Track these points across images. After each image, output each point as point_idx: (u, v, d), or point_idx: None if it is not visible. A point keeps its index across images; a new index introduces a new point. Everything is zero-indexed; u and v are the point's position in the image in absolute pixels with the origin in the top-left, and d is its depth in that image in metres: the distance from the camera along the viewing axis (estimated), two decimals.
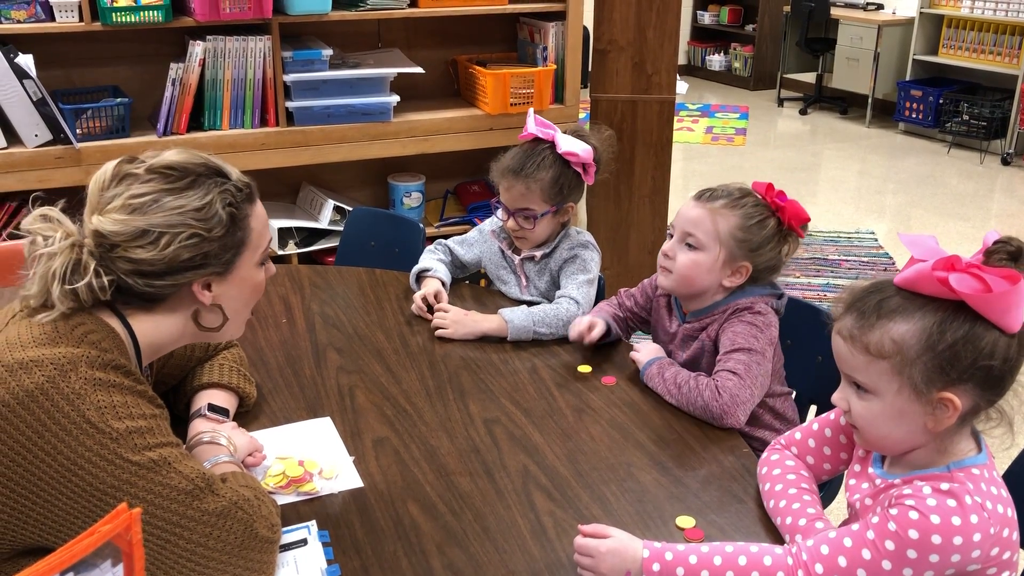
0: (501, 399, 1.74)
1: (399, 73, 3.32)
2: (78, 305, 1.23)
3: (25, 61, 2.85)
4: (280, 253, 3.37)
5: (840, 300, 1.26)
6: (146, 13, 2.94)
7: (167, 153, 1.30)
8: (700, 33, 9.46)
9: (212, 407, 1.54)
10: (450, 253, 2.23)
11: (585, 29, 3.95)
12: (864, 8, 7.64)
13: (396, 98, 3.32)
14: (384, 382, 1.80)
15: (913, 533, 1.13)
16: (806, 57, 8.05)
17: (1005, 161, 6.45)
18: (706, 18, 9.30)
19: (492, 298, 2.17)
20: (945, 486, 1.16)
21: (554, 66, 3.50)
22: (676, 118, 4.53)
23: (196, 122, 3.16)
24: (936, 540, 1.12)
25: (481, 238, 2.25)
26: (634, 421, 1.68)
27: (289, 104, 3.20)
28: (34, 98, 2.87)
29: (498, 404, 1.73)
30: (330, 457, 1.54)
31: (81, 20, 2.92)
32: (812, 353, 1.91)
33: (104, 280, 1.24)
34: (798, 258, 4.70)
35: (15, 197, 3.08)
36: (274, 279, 2.26)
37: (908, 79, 7.12)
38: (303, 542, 1.33)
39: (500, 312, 1.99)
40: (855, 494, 1.32)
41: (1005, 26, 6.58)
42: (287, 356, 1.90)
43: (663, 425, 1.66)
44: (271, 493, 1.40)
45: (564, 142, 2.03)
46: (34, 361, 1.16)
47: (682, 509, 1.42)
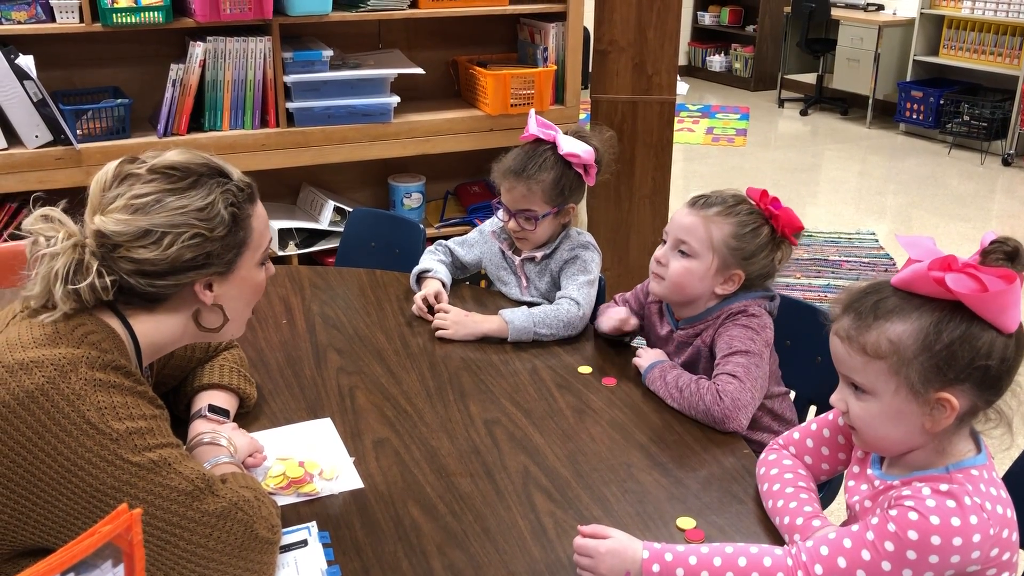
0: (502, 400, 1.74)
1: (399, 74, 3.33)
2: (80, 306, 1.23)
3: (26, 62, 2.85)
4: (280, 254, 3.37)
5: (838, 301, 1.26)
6: (146, 14, 2.94)
7: (169, 153, 1.31)
8: (701, 34, 9.47)
9: (212, 408, 1.54)
10: (450, 254, 2.23)
11: (585, 30, 3.95)
12: (865, 9, 7.64)
13: (396, 99, 3.32)
14: (384, 383, 1.80)
15: (912, 534, 1.13)
16: (807, 58, 8.05)
17: (1006, 162, 6.45)
18: (707, 19, 9.30)
19: (492, 299, 2.17)
20: (944, 487, 1.16)
21: (554, 67, 3.50)
22: (677, 119, 4.53)
23: (196, 123, 3.17)
24: (935, 541, 1.12)
25: (481, 239, 2.25)
26: (634, 422, 1.68)
27: (289, 105, 3.21)
28: (34, 99, 2.87)
29: (498, 405, 1.73)
30: (330, 458, 1.54)
31: (81, 21, 2.93)
32: (811, 353, 1.91)
33: (107, 280, 1.24)
34: (799, 259, 4.70)
35: (15, 198, 3.08)
36: (274, 280, 2.27)
37: (909, 80, 7.12)
38: (303, 543, 1.33)
39: (500, 313, 1.99)
40: (854, 495, 1.32)
41: (1006, 27, 6.59)
42: (287, 357, 1.90)
43: (663, 426, 1.66)
44: (271, 494, 1.40)
45: (566, 143, 2.03)
46: (34, 362, 1.16)
47: (683, 510, 1.42)
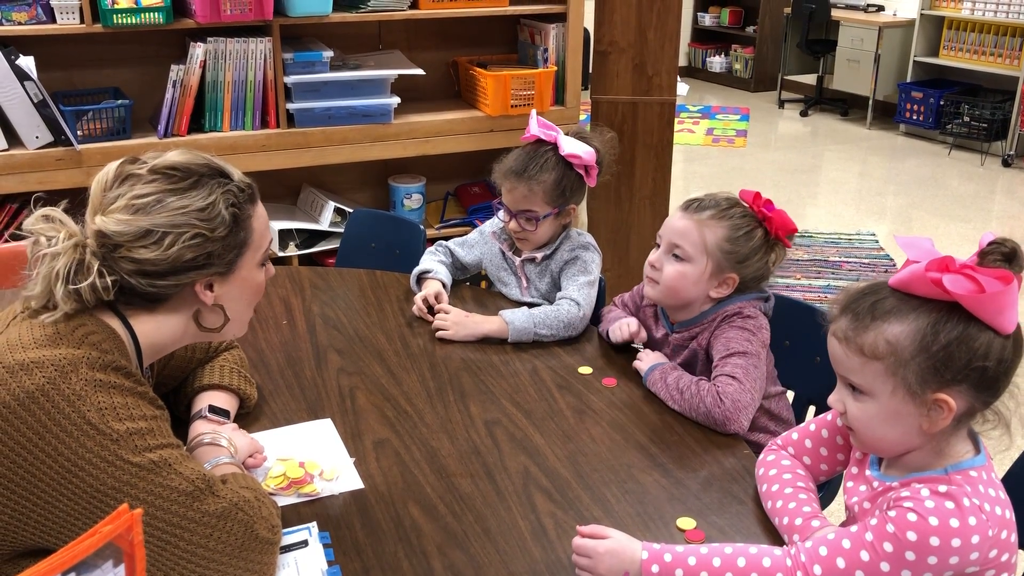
0: (502, 400, 1.74)
1: (400, 75, 3.33)
2: (81, 306, 1.24)
3: (26, 63, 2.85)
4: (281, 255, 3.37)
5: (835, 302, 1.26)
6: (147, 15, 2.94)
7: (170, 154, 1.31)
8: (701, 35, 9.47)
9: (213, 408, 1.54)
10: (451, 255, 2.23)
11: (586, 31, 3.96)
12: (865, 10, 7.65)
13: (397, 100, 3.32)
14: (385, 383, 1.80)
15: (911, 535, 1.13)
16: (807, 59, 8.05)
17: (1006, 163, 6.45)
18: (707, 20, 9.30)
19: (493, 299, 2.17)
20: (943, 488, 1.16)
21: (555, 68, 3.50)
22: (677, 120, 4.54)
23: (197, 124, 3.17)
24: (934, 542, 1.12)
25: (481, 240, 2.25)
26: (635, 422, 1.68)
27: (290, 106, 3.21)
28: (35, 100, 2.88)
29: (499, 405, 1.73)
30: (331, 458, 1.54)
31: (82, 22, 2.93)
32: (811, 354, 1.91)
33: (107, 280, 1.24)
34: (799, 260, 4.70)
35: (16, 199, 3.08)
36: (275, 281, 2.27)
37: (909, 81, 7.12)
38: (304, 543, 1.34)
39: (501, 314, 1.99)
40: (853, 497, 1.32)
41: (1006, 28, 6.59)
42: (288, 358, 1.90)
43: (664, 426, 1.66)
44: (272, 494, 1.40)
45: (567, 144, 2.03)
46: (35, 362, 1.16)
47: (683, 510, 1.42)
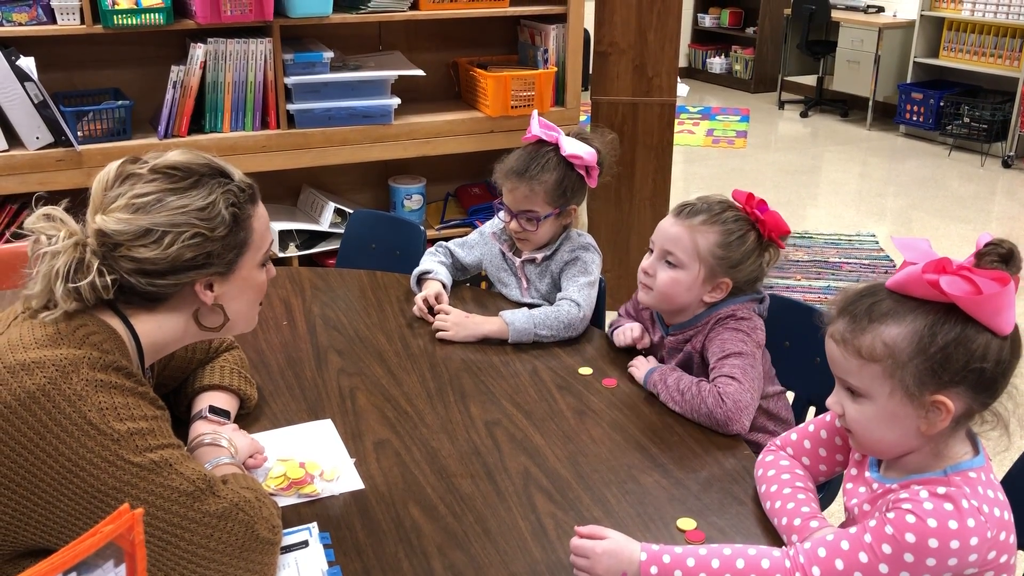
0: (502, 401, 1.75)
1: (400, 75, 3.33)
2: (81, 305, 1.24)
3: (27, 63, 2.85)
4: (281, 255, 3.37)
5: (833, 304, 1.26)
6: (147, 16, 2.95)
7: (170, 153, 1.31)
8: (701, 36, 9.47)
9: (213, 409, 1.54)
10: (451, 255, 2.23)
11: (586, 32, 3.96)
12: (865, 11, 7.65)
13: (397, 100, 3.33)
14: (385, 384, 1.80)
15: (910, 537, 1.13)
16: (807, 60, 8.05)
17: (1006, 164, 6.45)
18: (707, 21, 9.30)
19: (493, 300, 2.17)
20: (942, 490, 1.16)
21: (555, 69, 3.50)
22: (677, 121, 4.54)
23: (197, 124, 3.17)
24: (933, 544, 1.12)
25: (481, 240, 2.25)
26: (635, 423, 1.68)
27: (290, 106, 3.21)
28: (35, 100, 2.88)
29: (499, 406, 1.73)
30: (331, 459, 1.54)
31: (82, 23, 2.93)
32: (810, 355, 1.91)
33: (107, 279, 1.24)
34: (799, 261, 4.70)
35: (16, 199, 3.09)
36: (275, 281, 2.27)
37: (909, 82, 7.12)
38: (304, 544, 1.34)
39: (501, 314, 1.99)
40: (852, 498, 1.32)
41: (1006, 29, 6.59)
42: (288, 358, 1.90)
43: (664, 427, 1.67)
44: (272, 495, 1.40)
45: (568, 144, 2.03)
46: (36, 362, 1.16)
47: (683, 511, 1.42)
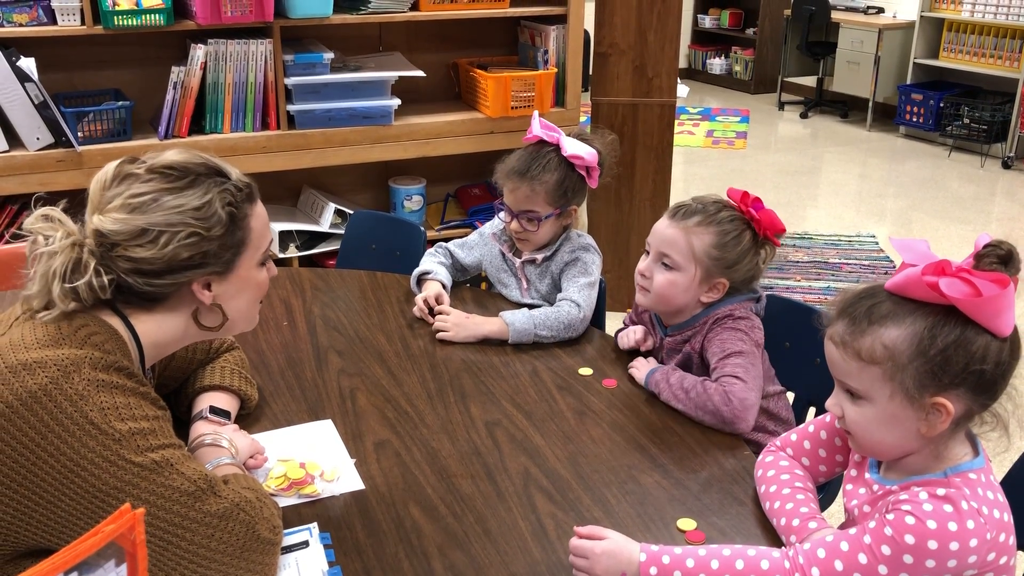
0: (502, 401, 1.75)
1: (400, 76, 3.33)
2: (79, 305, 1.24)
3: (27, 64, 2.85)
4: (281, 256, 3.37)
5: (832, 305, 1.26)
6: (147, 16, 2.95)
7: (167, 153, 1.31)
8: (701, 37, 9.47)
9: (214, 409, 1.54)
10: (450, 256, 2.23)
11: (586, 32, 3.96)
12: (865, 12, 7.65)
13: (397, 101, 3.33)
14: (385, 384, 1.81)
15: (909, 538, 1.13)
16: (807, 61, 8.06)
17: (1006, 165, 6.45)
18: (707, 22, 9.31)
19: (493, 301, 2.18)
20: (942, 491, 1.16)
21: (555, 69, 3.50)
22: (677, 122, 4.54)
23: (197, 125, 3.17)
24: (932, 546, 1.12)
25: (481, 241, 2.25)
26: (635, 423, 1.68)
27: (290, 107, 3.21)
28: (36, 101, 2.88)
29: (499, 406, 1.73)
30: (331, 459, 1.54)
31: (83, 24, 2.93)
32: (810, 355, 1.91)
33: (104, 279, 1.24)
34: (799, 261, 4.70)
35: (16, 200, 3.09)
36: (275, 282, 2.26)
37: (909, 83, 7.13)
38: (305, 544, 1.34)
39: (501, 315, 1.99)
40: (852, 499, 1.32)
41: (1006, 30, 6.59)
42: (288, 359, 1.91)
43: (664, 427, 1.67)
44: (272, 495, 1.40)
45: (569, 145, 2.03)
46: (37, 362, 1.17)
47: (683, 511, 1.43)
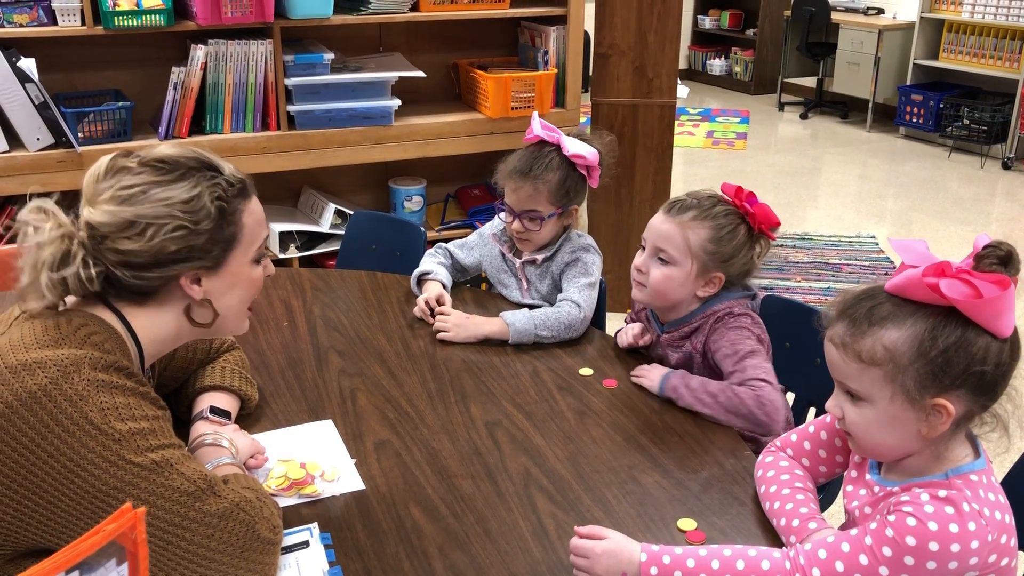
0: (503, 402, 1.75)
1: (400, 77, 3.33)
2: (66, 294, 1.24)
3: (27, 65, 2.86)
4: (281, 256, 3.37)
5: (832, 306, 1.25)
6: (148, 17, 2.95)
7: (160, 146, 1.31)
8: (701, 37, 9.47)
9: (214, 409, 1.54)
10: (450, 257, 2.23)
11: (586, 33, 3.96)
12: (865, 13, 7.65)
13: (397, 102, 3.33)
14: (386, 385, 1.81)
15: (910, 540, 1.13)
16: (807, 61, 8.06)
17: (1006, 165, 6.45)
18: (707, 22, 9.31)
19: (493, 301, 2.17)
20: (943, 493, 1.16)
21: (555, 70, 3.51)
22: (677, 122, 4.54)
23: (198, 126, 3.17)
24: (933, 547, 1.12)
25: (481, 242, 2.25)
26: (635, 423, 1.68)
27: (290, 108, 3.21)
28: (36, 102, 2.88)
29: (499, 407, 1.73)
30: (332, 459, 1.54)
31: (83, 24, 2.93)
32: (811, 356, 1.91)
33: (92, 271, 1.24)
34: (799, 262, 4.70)
35: (16, 200, 3.09)
36: (275, 282, 2.27)
37: (909, 83, 7.13)
38: (305, 544, 1.34)
39: (501, 315, 1.99)
40: (853, 501, 1.32)
41: (1006, 31, 6.59)
42: (288, 359, 1.91)
43: (664, 428, 1.67)
44: (273, 495, 1.40)
45: (570, 144, 2.04)
46: (37, 363, 1.16)
47: (684, 511, 1.43)
